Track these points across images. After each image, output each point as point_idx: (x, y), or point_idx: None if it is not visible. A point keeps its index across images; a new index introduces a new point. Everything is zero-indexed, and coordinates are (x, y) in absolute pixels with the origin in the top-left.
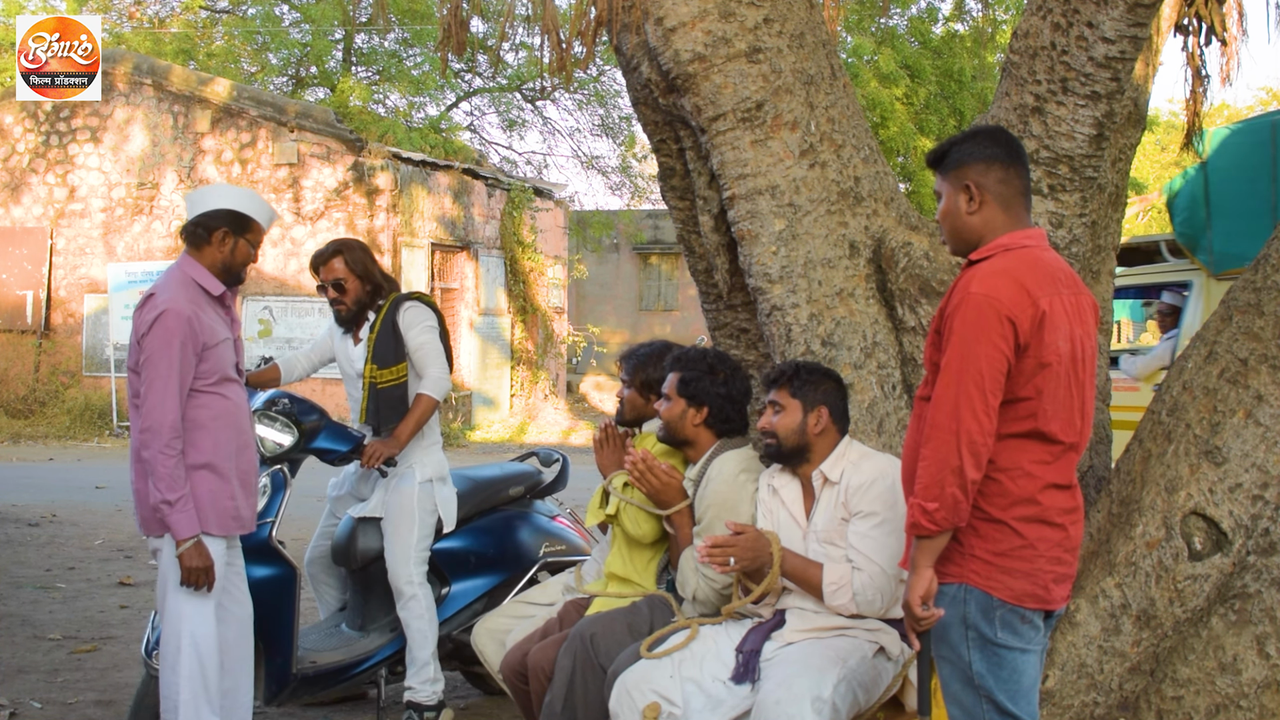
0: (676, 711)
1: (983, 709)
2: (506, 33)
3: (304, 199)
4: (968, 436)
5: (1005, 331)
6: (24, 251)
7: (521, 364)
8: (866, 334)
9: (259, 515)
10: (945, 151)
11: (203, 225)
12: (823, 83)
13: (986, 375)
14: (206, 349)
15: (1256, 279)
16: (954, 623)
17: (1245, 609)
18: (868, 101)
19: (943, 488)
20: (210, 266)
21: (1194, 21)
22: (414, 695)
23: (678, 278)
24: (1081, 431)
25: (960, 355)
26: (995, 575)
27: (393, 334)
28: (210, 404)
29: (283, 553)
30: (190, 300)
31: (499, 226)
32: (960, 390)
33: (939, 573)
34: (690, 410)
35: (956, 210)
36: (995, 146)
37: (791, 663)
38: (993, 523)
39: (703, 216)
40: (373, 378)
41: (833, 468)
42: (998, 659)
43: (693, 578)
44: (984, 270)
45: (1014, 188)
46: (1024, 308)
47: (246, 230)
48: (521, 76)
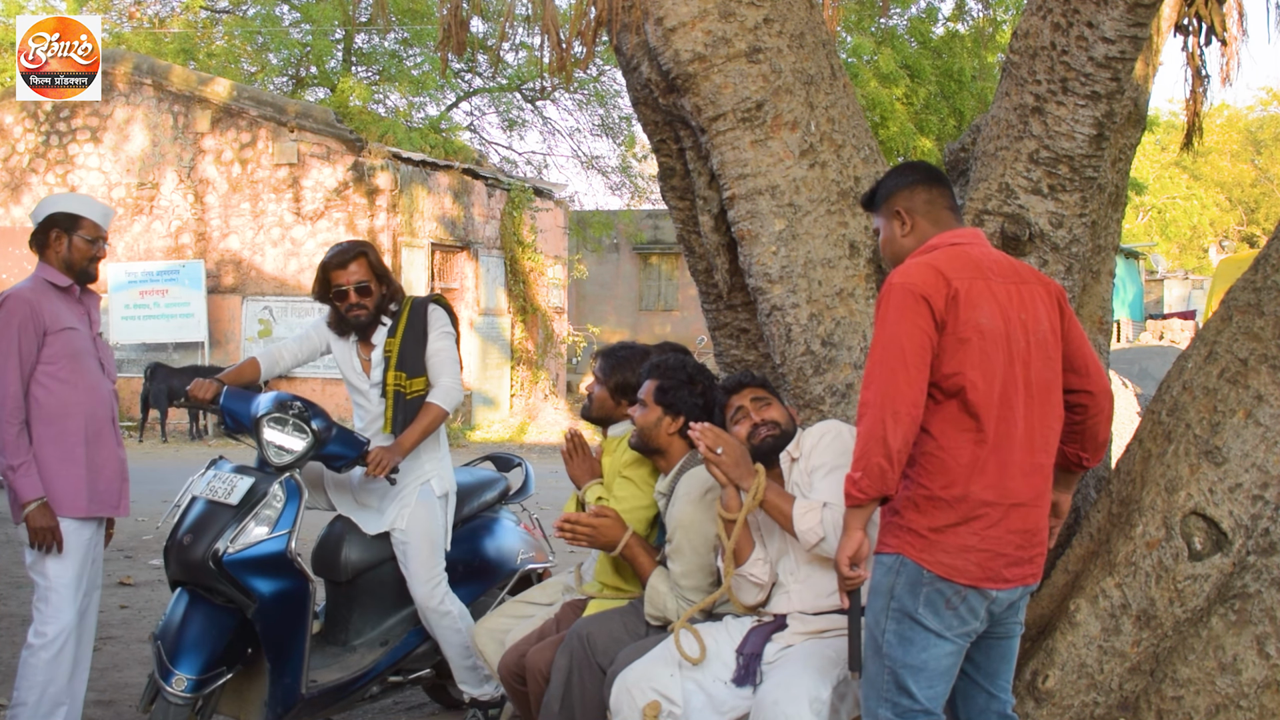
0: (677, 710)
1: (884, 679)
2: (506, 33)
3: (304, 199)
4: (891, 406)
5: (921, 309)
6: (23, 251)
7: (521, 364)
8: (866, 334)
9: (274, 526)
10: (874, 192)
11: (38, 230)
12: (823, 83)
13: (908, 349)
14: (49, 334)
15: (1256, 279)
16: (881, 591)
17: (1245, 609)
18: (868, 101)
19: (869, 458)
20: (56, 266)
21: (1194, 21)
22: (473, 692)
23: (678, 278)
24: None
25: (883, 336)
26: (929, 550)
27: (422, 340)
28: (55, 389)
29: (299, 565)
30: (35, 290)
31: (499, 226)
32: (883, 365)
33: (880, 543)
34: (666, 419)
35: (893, 237)
36: (914, 173)
37: (791, 664)
38: (931, 499)
39: (703, 216)
40: (399, 386)
41: (795, 447)
42: (910, 635)
43: (670, 599)
44: (903, 265)
45: (939, 204)
46: (937, 287)
47: (78, 228)
48: (521, 76)
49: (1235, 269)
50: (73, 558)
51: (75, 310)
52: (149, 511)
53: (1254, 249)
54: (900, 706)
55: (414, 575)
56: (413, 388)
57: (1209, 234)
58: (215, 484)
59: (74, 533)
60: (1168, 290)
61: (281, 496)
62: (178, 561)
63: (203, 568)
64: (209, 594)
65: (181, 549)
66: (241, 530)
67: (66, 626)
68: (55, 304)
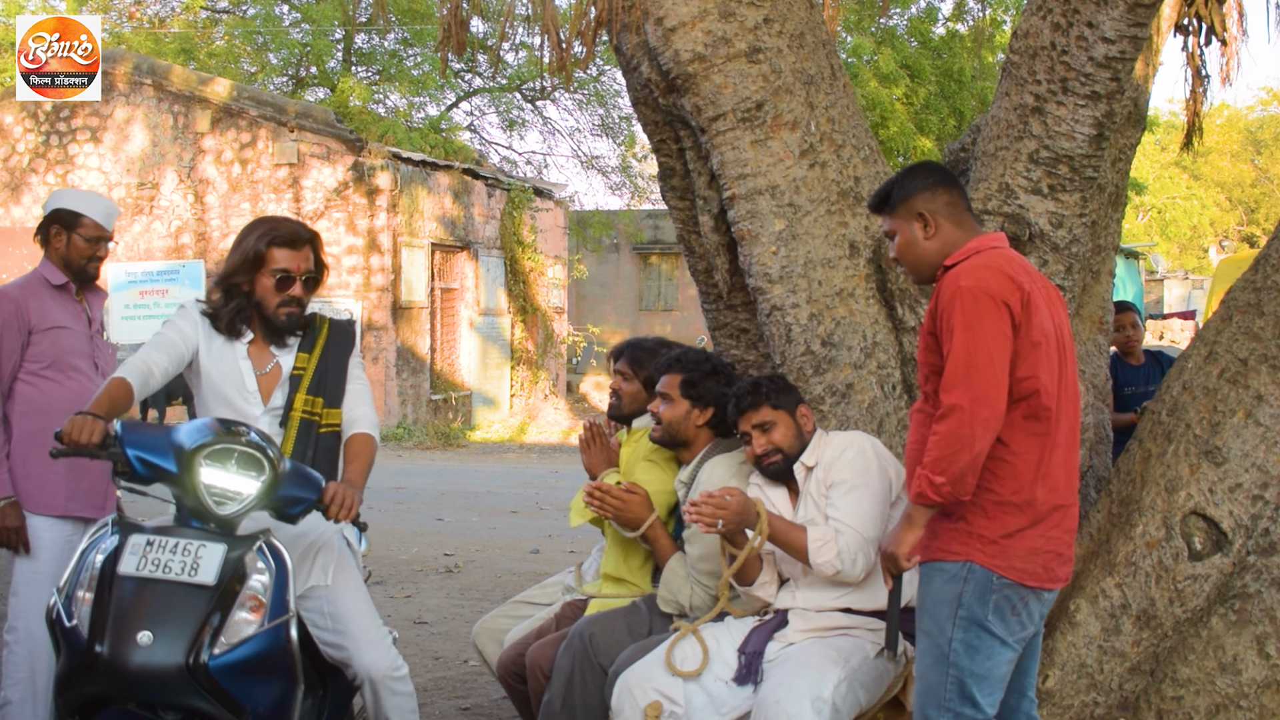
0: (678, 710)
1: (946, 689)
2: (506, 33)
3: (304, 199)
4: (981, 412)
5: (1002, 314)
6: (24, 251)
7: (521, 364)
8: (866, 334)
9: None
10: (887, 194)
11: (41, 226)
12: (823, 83)
13: (995, 355)
14: (35, 332)
15: (1256, 279)
16: (946, 599)
17: (1245, 609)
18: (868, 101)
19: (954, 463)
20: (55, 262)
21: (1194, 21)
22: None
23: (678, 278)
24: (1074, 416)
25: (967, 341)
26: (1000, 555)
27: (344, 367)
28: (42, 387)
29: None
30: (25, 288)
31: (499, 226)
32: (972, 370)
33: (942, 550)
34: (695, 411)
35: (914, 240)
36: (932, 175)
37: (793, 662)
38: (1001, 504)
39: (703, 216)
40: (311, 414)
41: (810, 455)
42: (978, 643)
43: (686, 586)
44: (964, 268)
45: (959, 206)
46: (1012, 291)
47: (78, 225)
48: (521, 76)
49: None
50: (44, 554)
51: (70, 309)
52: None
53: (1254, 249)
54: (963, 716)
55: (357, 639)
56: (328, 419)
57: (1209, 234)
58: (158, 556)
59: (48, 530)
60: (1168, 290)
61: (265, 568)
62: (113, 673)
63: (173, 680)
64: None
65: (122, 656)
66: (228, 622)
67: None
68: (46, 302)
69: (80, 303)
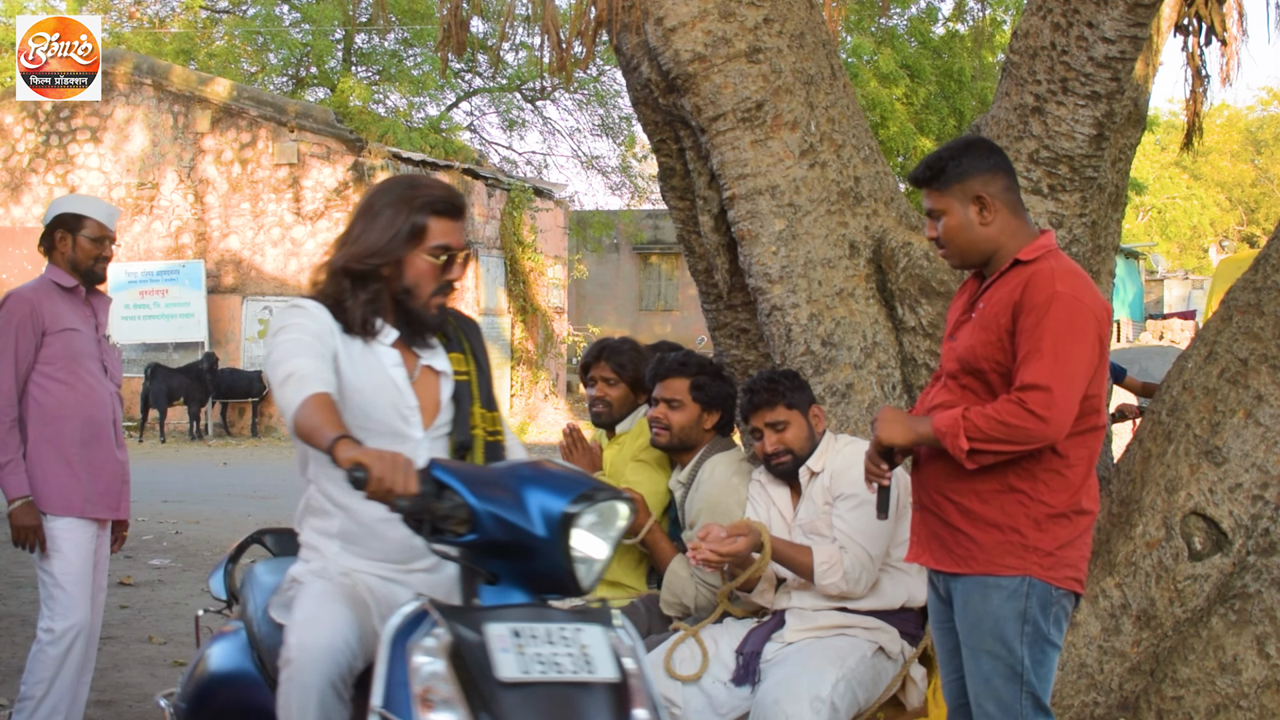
0: (677, 711)
1: (1022, 705)
2: (506, 33)
3: (304, 199)
4: (1048, 432)
5: (1096, 334)
6: (24, 251)
7: (522, 364)
8: (866, 334)
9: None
10: (941, 168)
11: (45, 232)
12: (823, 83)
13: (1079, 375)
14: (48, 334)
15: (1256, 279)
16: (1010, 616)
17: (1245, 609)
18: (868, 101)
19: (988, 446)
20: (63, 266)
21: (1194, 21)
22: None
23: (678, 278)
24: None
25: (1057, 354)
26: (1056, 567)
27: (490, 370)
28: (54, 390)
29: None
30: (38, 290)
31: (499, 226)
32: (1055, 383)
33: (998, 564)
34: (705, 415)
35: (969, 223)
36: (993, 156)
37: (791, 662)
38: (1054, 517)
39: (703, 216)
40: (492, 434)
41: (817, 460)
42: (1044, 654)
43: (690, 585)
44: (1057, 271)
45: (1015, 194)
46: (1103, 308)
47: (82, 227)
48: (521, 76)
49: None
50: (73, 555)
51: (80, 312)
52: (149, 512)
53: (1254, 249)
54: None
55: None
56: (495, 429)
57: (1209, 234)
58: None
59: (69, 531)
60: (1168, 290)
61: (634, 647)
62: None
63: None
64: None
65: None
66: None
67: (78, 624)
68: (58, 305)
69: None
